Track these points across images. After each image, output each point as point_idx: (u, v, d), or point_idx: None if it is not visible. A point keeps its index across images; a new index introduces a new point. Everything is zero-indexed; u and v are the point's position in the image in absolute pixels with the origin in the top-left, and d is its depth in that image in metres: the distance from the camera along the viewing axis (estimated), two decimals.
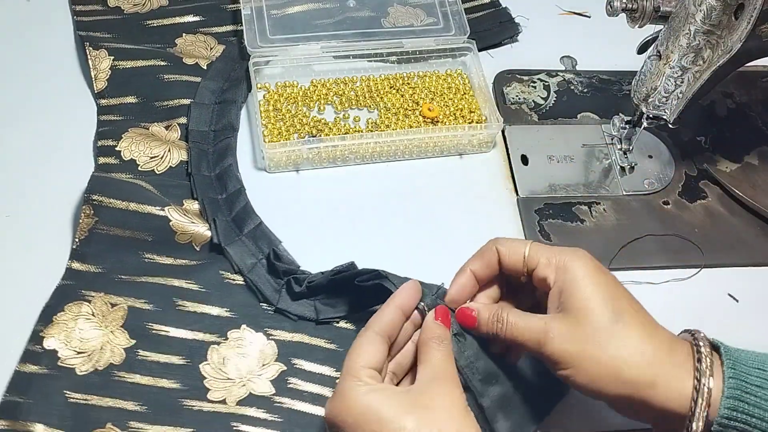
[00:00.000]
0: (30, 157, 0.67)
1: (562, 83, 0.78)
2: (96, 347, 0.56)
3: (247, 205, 0.64)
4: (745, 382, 0.45)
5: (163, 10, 0.78)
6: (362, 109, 0.74)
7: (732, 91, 0.79)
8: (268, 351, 0.57)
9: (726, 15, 0.57)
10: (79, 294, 0.58)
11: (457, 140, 0.71)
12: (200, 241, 0.62)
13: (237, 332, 0.58)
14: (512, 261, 0.51)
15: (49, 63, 0.74)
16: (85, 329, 0.56)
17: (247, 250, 0.61)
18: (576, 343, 0.47)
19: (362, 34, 0.76)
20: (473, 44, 0.76)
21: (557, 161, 0.72)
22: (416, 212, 0.67)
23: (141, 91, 0.71)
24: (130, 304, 0.58)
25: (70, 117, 0.70)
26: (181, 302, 0.58)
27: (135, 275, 0.59)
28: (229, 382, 0.56)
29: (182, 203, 0.63)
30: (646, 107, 0.64)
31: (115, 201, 0.61)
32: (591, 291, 0.47)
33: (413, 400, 0.46)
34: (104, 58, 0.72)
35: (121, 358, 0.55)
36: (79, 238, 0.60)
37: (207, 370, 0.56)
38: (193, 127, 0.69)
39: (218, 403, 0.55)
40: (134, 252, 0.60)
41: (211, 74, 0.73)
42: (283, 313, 0.59)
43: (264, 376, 0.56)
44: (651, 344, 0.46)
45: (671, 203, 0.70)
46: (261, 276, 0.60)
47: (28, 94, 0.72)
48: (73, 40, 0.75)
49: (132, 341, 0.56)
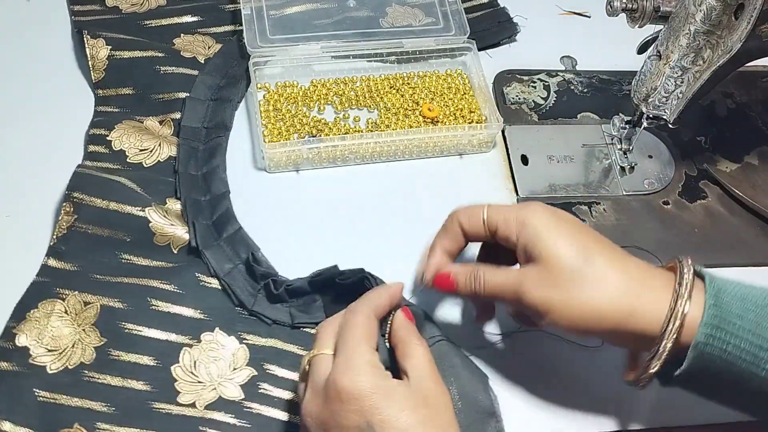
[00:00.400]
0: (30, 157, 0.67)
1: (562, 83, 0.78)
2: (68, 345, 0.55)
3: (228, 209, 0.64)
4: (726, 311, 0.46)
5: (162, 10, 0.78)
6: (362, 109, 0.74)
7: (732, 91, 0.79)
8: (240, 355, 0.57)
9: (726, 15, 0.57)
10: (54, 292, 0.57)
11: (457, 140, 0.71)
12: (178, 244, 0.61)
13: (210, 335, 0.58)
14: (474, 229, 0.53)
15: (49, 63, 0.74)
16: (57, 327, 0.56)
17: (225, 255, 0.61)
18: (551, 288, 0.48)
19: (362, 34, 0.76)
20: (473, 44, 0.76)
21: (557, 161, 0.72)
22: (416, 212, 0.67)
23: (138, 83, 0.71)
24: (103, 303, 0.57)
25: (70, 117, 0.70)
26: (155, 302, 0.58)
27: (111, 275, 0.59)
28: (199, 385, 0.55)
29: (165, 201, 0.63)
30: (646, 107, 0.64)
31: (96, 199, 0.60)
32: (554, 237, 0.49)
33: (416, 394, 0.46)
34: (102, 47, 0.71)
35: (91, 357, 0.55)
36: (57, 235, 0.60)
37: (178, 373, 0.56)
38: (185, 122, 0.69)
39: (187, 406, 0.54)
40: (111, 252, 0.60)
41: (209, 69, 0.73)
42: (257, 316, 0.59)
43: (234, 380, 0.56)
44: (624, 277, 0.48)
45: (671, 203, 0.70)
46: (237, 280, 0.60)
47: (28, 94, 0.72)
48: (72, 39, 0.75)
49: (103, 340, 0.56)
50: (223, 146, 0.69)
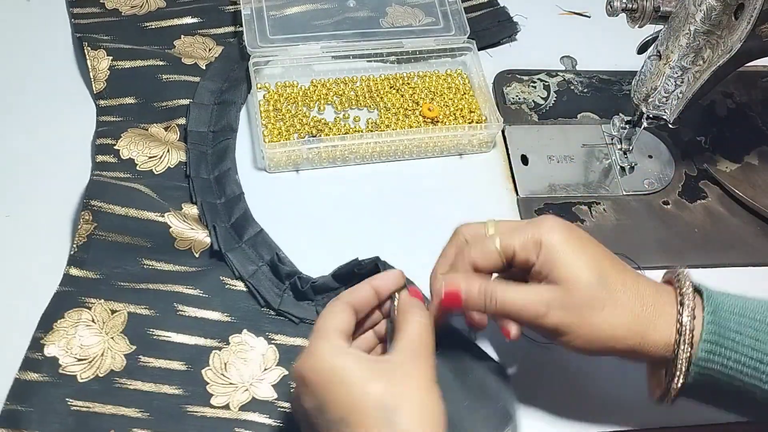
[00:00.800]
0: (30, 158, 0.67)
1: (562, 83, 0.78)
2: (97, 354, 0.55)
3: (246, 212, 0.64)
4: (724, 327, 0.47)
5: (161, 12, 0.78)
6: (362, 109, 0.74)
7: (732, 91, 0.79)
8: (269, 355, 0.57)
9: (726, 15, 0.57)
10: (79, 301, 0.57)
11: (457, 140, 0.71)
12: (200, 248, 0.61)
13: (238, 337, 0.58)
14: (490, 263, 0.51)
15: (49, 63, 0.74)
16: (85, 336, 0.56)
17: (248, 257, 0.61)
18: (570, 312, 0.48)
19: (362, 34, 0.76)
20: (473, 44, 0.76)
21: (557, 161, 0.72)
22: (416, 212, 0.67)
23: (140, 92, 0.71)
24: (130, 310, 0.57)
25: (70, 117, 0.70)
26: (181, 307, 0.58)
27: (134, 282, 0.59)
28: (231, 387, 0.55)
29: (181, 207, 0.63)
30: (646, 107, 0.64)
31: (115, 207, 0.61)
32: (572, 260, 0.48)
33: (382, 368, 0.45)
34: (103, 58, 0.72)
35: (122, 364, 0.55)
36: (77, 243, 0.60)
37: (209, 375, 0.56)
38: (192, 128, 0.69)
39: (221, 408, 0.54)
40: (133, 258, 0.60)
41: (210, 74, 0.73)
42: (284, 315, 0.59)
43: (266, 381, 0.56)
44: (638, 302, 0.48)
45: (671, 203, 0.70)
46: (262, 281, 0.60)
47: (28, 94, 0.72)
48: (73, 41, 0.75)
49: (132, 347, 0.56)
50: (232, 148, 0.69)
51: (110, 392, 0.54)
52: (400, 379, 0.44)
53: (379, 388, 0.43)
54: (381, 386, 0.44)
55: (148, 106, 0.70)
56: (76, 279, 0.59)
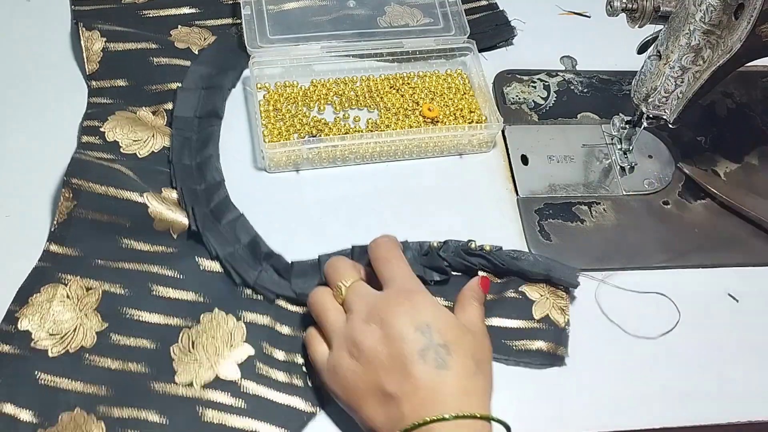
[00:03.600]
0: (30, 158, 0.67)
1: (562, 83, 0.78)
2: (69, 329, 0.56)
3: (226, 198, 0.64)
4: None
5: (160, 1, 0.78)
6: (362, 109, 0.74)
7: (732, 91, 0.79)
8: (237, 333, 0.57)
9: (726, 15, 0.57)
10: (57, 276, 0.58)
11: (457, 140, 0.71)
12: (178, 229, 0.61)
13: (209, 315, 0.58)
14: None
15: (49, 63, 0.74)
16: (59, 311, 0.56)
17: (225, 239, 0.61)
18: None
19: (362, 34, 0.76)
20: (473, 44, 0.76)
21: (557, 161, 0.72)
22: (416, 212, 0.67)
23: (131, 74, 0.71)
24: (105, 289, 0.58)
25: (70, 117, 0.69)
26: (156, 287, 0.59)
27: (112, 260, 0.59)
28: (196, 363, 0.55)
29: (161, 191, 0.63)
30: (646, 107, 0.64)
31: (95, 185, 0.61)
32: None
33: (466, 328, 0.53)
34: (97, 39, 0.72)
35: (92, 341, 0.56)
36: (57, 220, 0.60)
37: (175, 352, 0.56)
38: (178, 113, 0.69)
39: (185, 386, 0.54)
40: (112, 237, 0.60)
41: (202, 59, 0.73)
42: (261, 291, 0.59)
43: (231, 359, 0.56)
44: None
45: (671, 203, 0.70)
46: (238, 260, 0.60)
47: (28, 94, 0.71)
48: (74, 39, 0.75)
49: (105, 324, 0.56)
50: (216, 135, 0.69)
51: (79, 369, 0.54)
52: (479, 338, 0.53)
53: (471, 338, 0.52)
54: (471, 336, 0.52)
55: (140, 89, 0.71)
56: (54, 255, 0.59)
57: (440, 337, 0.49)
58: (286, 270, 0.60)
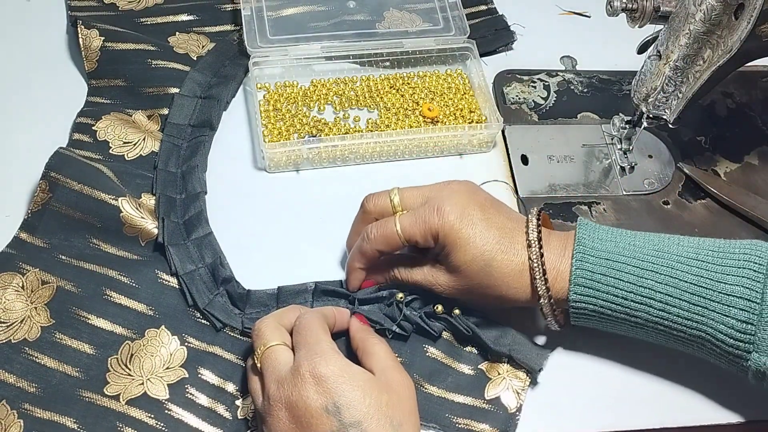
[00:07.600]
0: (30, 158, 0.67)
1: (562, 83, 0.78)
2: (17, 320, 0.56)
3: (202, 212, 0.64)
4: (591, 272, 0.53)
5: (158, 8, 0.78)
6: (362, 109, 0.74)
7: (732, 91, 0.79)
8: (177, 355, 0.57)
9: (726, 15, 0.57)
10: (17, 266, 0.59)
11: (457, 140, 0.71)
12: (146, 238, 0.61)
13: (154, 331, 0.58)
14: (393, 249, 0.57)
15: (49, 63, 0.74)
16: (10, 300, 0.57)
17: (189, 256, 0.61)
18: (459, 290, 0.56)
19: (361, 35, 0.76)
20: (473, 44, 0.76)
21: (557, 161, 0.72)
22: None
23: (130, 75, 0.71)
24: (60, 285, 0.58)
25: (70, 117, 0.70)
26: (109, 292, 0.59)
27: (75, 258, 0.60)
28: (128, 378, 0.55)
29: (140, 196, 0.63)
30: (646, 107, 0.64)
31: (71, 182, 0.61)
32: (463, 254, 0.54)
33: (381, 382, 0.50)
34: (95, 37, 0.72)
35: (36, 335, 0.56)
36: (31, 209, 0.61)
37: (112, 364, 0.56)
38: (171, 119, 0.69)
39: (111, 398, 0.54)
40: (82, 235, 0.61)
41: (200, 66, 0.73)
42: (209, 318, 0.58)
43: (164, 379, 0.56)
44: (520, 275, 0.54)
45: (671, 203, 0.70)
46: (196, 281, 0.60)
47: (27, 94, 0.72)
48: (74, 39, 0.75)
49: (52, 321, 0.57)
50: (206, 146, 0.69)
51: (16, 361, 0.55)
52: (397, 394, 0.49)
53: (387, 400, 0.48)
54: (387, 398, 0.48)
55: (137, 91, 0.71)
56: (23, 243, 0.60)
57: (350, 415, 0.46)
58: (241, 299, 0.59)
